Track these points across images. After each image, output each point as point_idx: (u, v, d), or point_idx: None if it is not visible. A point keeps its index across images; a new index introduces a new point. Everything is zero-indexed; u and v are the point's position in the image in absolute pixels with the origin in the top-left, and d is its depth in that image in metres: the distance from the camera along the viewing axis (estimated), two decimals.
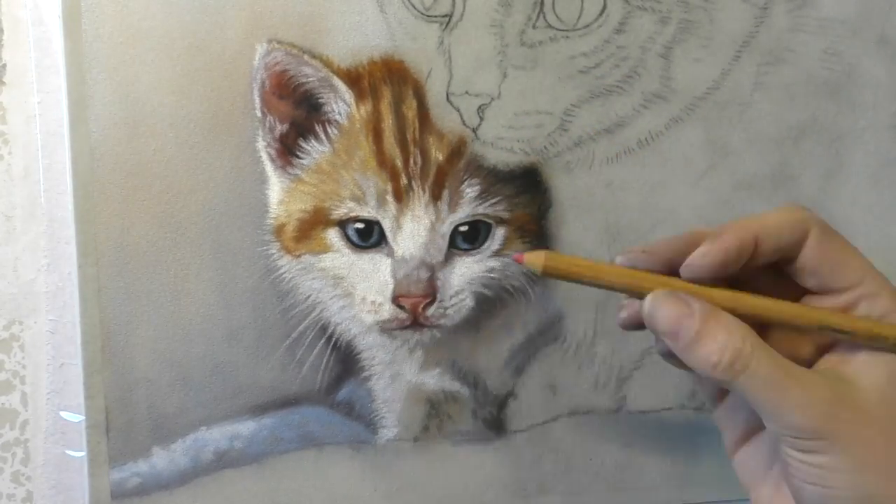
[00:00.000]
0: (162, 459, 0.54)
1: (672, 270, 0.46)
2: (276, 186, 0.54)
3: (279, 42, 0.53)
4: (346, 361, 0.56)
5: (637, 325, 0.47)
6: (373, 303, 0.55)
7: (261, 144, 0.54)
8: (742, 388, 0.45)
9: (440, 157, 0.54)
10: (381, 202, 0.54)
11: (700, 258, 0.45)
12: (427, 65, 0.54)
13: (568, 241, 0.56)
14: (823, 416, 0.45)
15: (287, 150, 0.54)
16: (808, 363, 0.47)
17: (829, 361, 0.47)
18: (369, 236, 0.54)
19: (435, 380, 0.56)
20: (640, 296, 0.45)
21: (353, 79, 0.54)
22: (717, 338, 0.45)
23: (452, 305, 0.55)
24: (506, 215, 0.55)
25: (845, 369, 0.46)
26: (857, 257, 0.46)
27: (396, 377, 0.56)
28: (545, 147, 0.55)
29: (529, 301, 0.56)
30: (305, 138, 0.54)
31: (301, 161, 0.54)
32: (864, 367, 0.46)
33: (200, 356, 0.54)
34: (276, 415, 0.55)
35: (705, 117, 0.56)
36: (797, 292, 0.47)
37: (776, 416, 0.45)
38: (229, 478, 0.55)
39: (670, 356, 0.46)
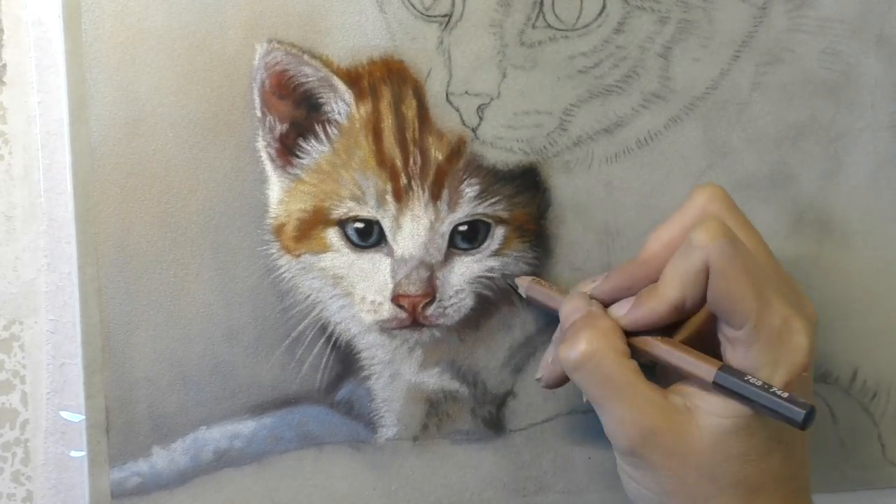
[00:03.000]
0: (162, 459, 0.54)
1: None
2: (275, 186, 0.54)
3: (279, 42, 0.53)
4: (345, 361, 0.56)
5: (557, 381, 0.52)
6: (372, 302, 0.55)
7: (261, 144, 0.54)
8: (580, 384, 0.49)
9: (440, 157, 0.55)
10: (380, 202, 0.54)
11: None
12: (427, 65, 0.54)
13: (567, 240, 0.56)
14: (641, 437, 0.48)
15: (287, 150, 0.54)
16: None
17: (689, 388, 0.48)
18: (369, 236, 0.54)
19: (434, 379, 0.56)
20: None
21: (352, 79, 0.54)
22: (578, 335, 0.49)
23: (452, 305, 0.55)
24: (505, 215, 0.55)
25: (697, 403, 0.48)
26: (747, 301, 0.46)
27: (396, 376, 0.56)
28: (544, 147, 0.55)
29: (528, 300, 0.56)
30: (305, 138, 0.54)
31: (301, 161, 0.54)
32: (713, 409, 0.47)
33: (200, 356, 0.54)
34: (275, 414, 0.55)
35: (704, 117, 0.56)
36: None
37: (604, 420, 0.49)
38: (229, 477, 0.55)
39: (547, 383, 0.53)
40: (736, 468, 0.47)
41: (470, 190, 0.55)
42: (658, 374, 0.52)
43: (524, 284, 0.55)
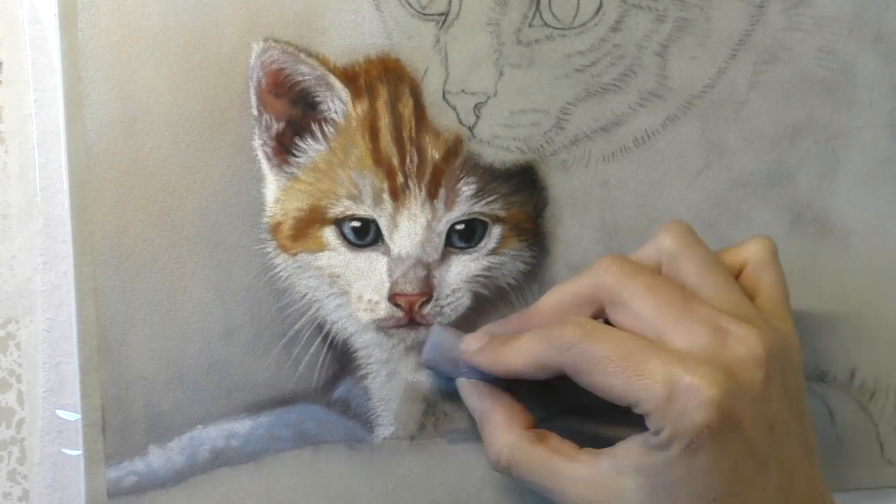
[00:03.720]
0: (158, 458, 0.54)
1: None
2: (272, 185, 0.54)
3: (275, 40, 0.53)
4: (342, 360, 0.56)
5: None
6: (369, 301, 0.55)
7: (257, 143, 0.54)
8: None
9: (436, 156, 0.55)
10: (377, 200, 0.54)
11: (466, 354, 0.53)
12: (423, 63, 0.54)
13: (564, 239, 0.56)
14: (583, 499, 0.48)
15: (283, 149, 0.54)
16: None
17: (620, 448, 0.48)
18: (365, 235, 0.54)
19: (431, 378, 0.56)
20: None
21: (349, 77, 0.54)
22: (488, 441, 0.52)
23: (449, 304, 0.55)
24: (502, 214, 0.55)
25: (625, 463, 0.47)
26: (615, 385, 0.46)
27: (393, 375, 0.56)
28: (541, 145, 0.55)
29: (526, 299, 0.56)
30: (302, 137, 0.54)
31: (297, 159, 0.54)
32: (635, 468, 0.47)
33: (197, 354, 0.54)
34: (272, 413, 0.55)
35: (701, 116, 0.56)
36: None
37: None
38: (225, 476, 0.55)
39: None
40: None
41: (467, 189, 0.55)
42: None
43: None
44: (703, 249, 0.50)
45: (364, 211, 0.54)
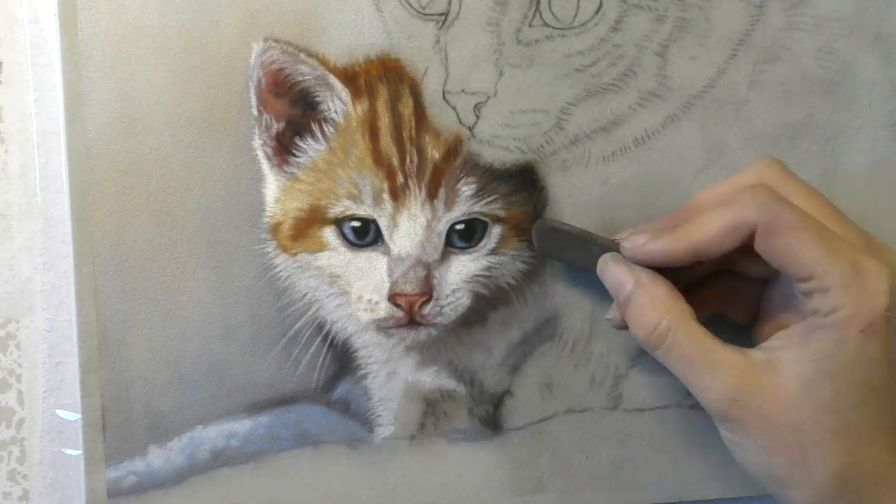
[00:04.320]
0: (158, 458, 0.54)
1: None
2: (272, 185, 0.54)
3: (275, 40, 0.53)
4: (342, 360, 0.56)
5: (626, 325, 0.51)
6: (369, 301, 0.55)
7: (257, 143, 0.54)
8: (661, 361, 0.49)
9: (436, 156, 0.55)
10: (377, 200, 0.54)
11: (634, 250, 0.51)
12: (423, 63, 0.54)
13: None
14: (728, 402, 0.48)
15: (283, 149, 0.54)
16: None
17: (773, 342, 0.48)
18: (365, 234, 0.54)
19: (431, 378, 0.56)
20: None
21: (349, 77, 0.54)
22: (643, 310, 0.49)
23: (449, 304, 0.55)
24: (502, 213, 0.55)
25: (780, 355, 0.48)
26: (807, 251, 0.46)
27: (393, 375, 0.56)
28: (541, 145, 0.55)
29: (526, 299, 0.56)
30: (302, 137, 0.54)
31: (297, 159, 0.54)
32: (795, 357, 0.47)
33: (197, 354, 0.54)
34: (272, 413, 0.55)
35: (701, 115, 0.56)
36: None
37: (692, 391, 0.49)
38: (225, 476, 0.55)
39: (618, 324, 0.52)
40: (828, 418, 0.46)
41: (467, 188, 0.55)
42: (753, 327, 0.53)
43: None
44: (801, 183, 0.50)
45: (364, 211, 0.54)
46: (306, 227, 0.54)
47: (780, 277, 0.51)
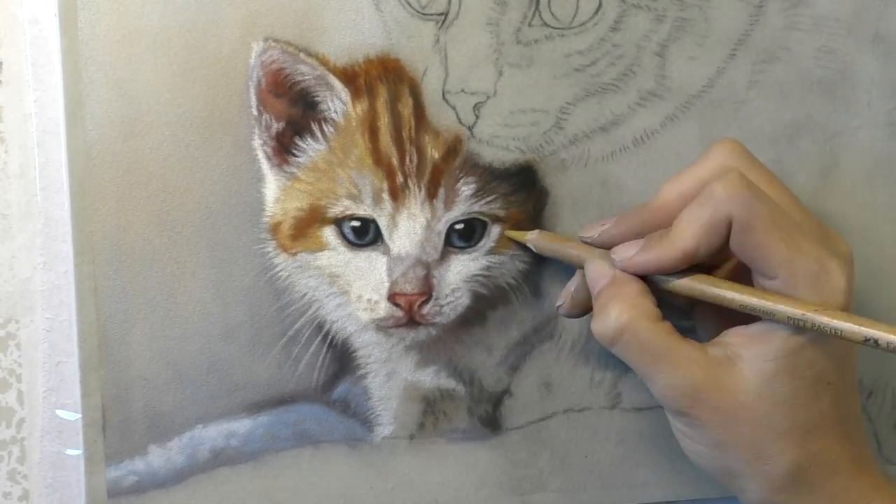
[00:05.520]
0: (158, 457, 0.54)
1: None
2: (272, 185, 0.54)
3: (275, 40, 0.53)
4: (341, 359, 0.56)
5: (576, 311, 0.53)
6: (369, 300, 0.55)
7: (257, 143, 0.54)
8: (621, 358, 0.50)
9: (436, 156, 0.55)
10: (376, 200, 0.54)
11: (624, 263, 0.51)
12: (423, 63, 0.54)
13: None
14: (686, 398, 0.48)
15: (283, 149, 0.54)
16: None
17: (731, 338, 0.49)
18: (365, 234, 0.54)
19: (431, 378, 0.56)
20: None
21: (349, 77, 0.54)
22: (606, 305, 0.49)
23: (448, 303, 0.55)
24: (501, 213, 0.55)
25: (740, 352, 0.48)
26: (776, 250, 0.47)
27: (392, 375, 0.56)
28: (541, 145, 0.55)
29: (525, 299, 0.56)
30: (301, 136, 0.54)
31: (297, 159, 0.54)
32: (755, 355, 0.48)
33: (196, 354, 0.54)
34: (272, 413, 0.55)
35: (700, 115, 0.56)
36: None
37: (650, 388, 0.50)
38: (225, 476, 0.55)
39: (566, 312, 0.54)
40: (786, 414, 0.47)
41: (466, 188, 0.55)
42: (699, 326, 0.53)
43: (532, 238, 0.55)
44: (763, 169, 0.50)
45: (364, 210, 0.54)
46: (306, 226, 0.54)
47: (740, 270, 0.51)
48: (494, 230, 0.55)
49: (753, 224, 0.47)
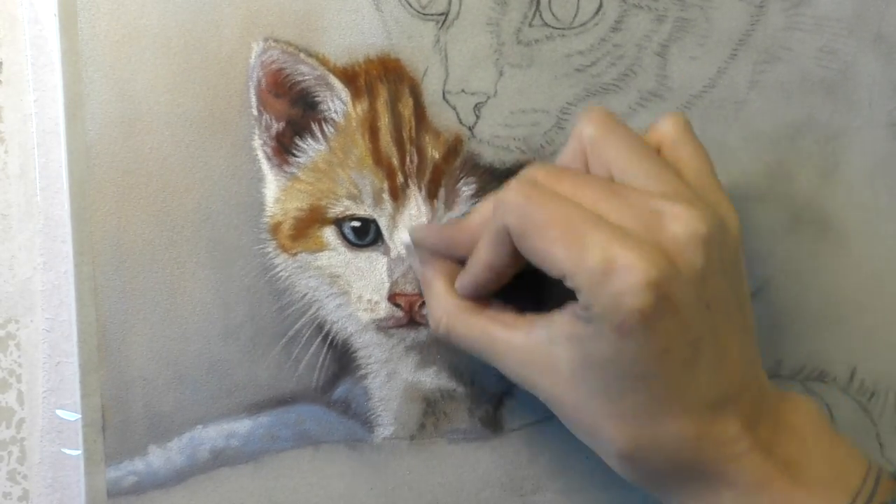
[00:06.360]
0: (158, 458, 0.54)
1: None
2: (272, 185, 0.54)
3: (275, 40, 0.53)
4: (342, 360, 0.56)
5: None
6: (369, 301, 0.55)
7: (257, 143, 0.54)
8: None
9: (436, 156, 0.55)
10: (377, 200, 0.54)
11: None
12: (423, 63, 0.54)
13: None
14: (519, 381, 0.49)
15: (283, 149, 0.54)
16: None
17: (556, 317, 0.47)
18: (365, 234, 0.54)
19: (431, 378, 0.56)
20: None
21: (349, 77, 0.54)
22: (430, 309, 0.51)
23: None
24: None
25: (557, 334, 0.46)
26: (555, 252, 0.44)
27: (393, 375, 0.56)
28: (541, 145, 0.55)
29: None
30: (301, 136, 0.54)
31: (297, 159, 0.54)
32: (566, 340, 0.46)
33: (197, 354, 0.54)
34: (272, 413, 0.55)
35: (701, 116, 0.56)
36: None
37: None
38: (226, 476, 0.55)
39: None
40: (602, 404, 0.46)
41: (467, 189, 0.55)
42: None
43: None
44: (625, 131, 0.48)
45: (364, 211, 0.54)
46: (306, 227, 0.54)
47: None
48: None
49: (526, 232, 0.45)
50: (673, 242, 0.44)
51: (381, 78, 0.54)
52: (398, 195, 0.54)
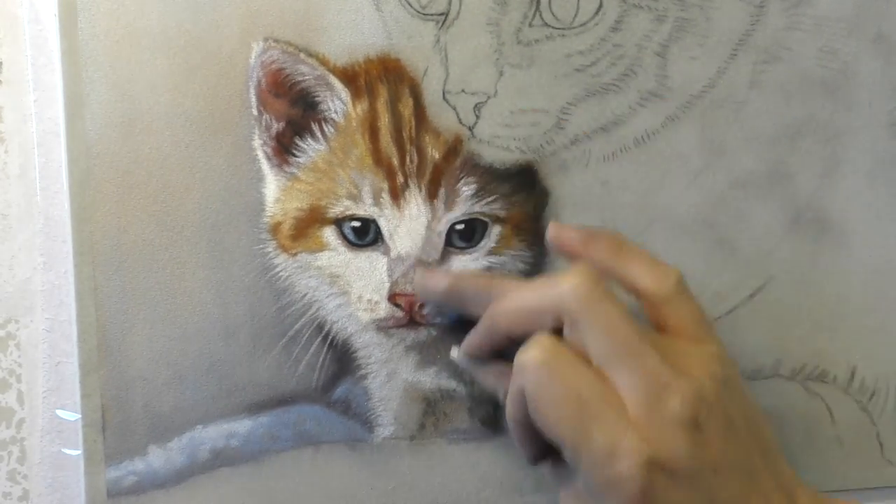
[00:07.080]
0: (158, 458, 0.54)
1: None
2: (272, 185, 0.54)
3: (275, 40, 0.53)
4: (342, 360, 0.56)
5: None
6: (369, 301, 0.55)
7: (257, 143, 0.54)
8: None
9: (436, 156, 0.55)
10: (377, 200, 0.54)
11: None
12: (423, 63, 0.54)
13: None
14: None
15: (283, 149, 0.54)
16: None
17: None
18: (365, 235, 0.54)
19: (431, 378, 0.56)
20: None
21: (349, 77, 0.54)
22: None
23: None
24: (502, 214, 0.55)
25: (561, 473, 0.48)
26: (562, 430, 0.45)
27: (393, 375, 0.56)
28: (541, 145, 0.55)
29: None
30: (302, 136, 0.54)
31: (297, 159, 0.54)
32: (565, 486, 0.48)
33: (196, 354, 0.54)
34: (272, 413, 0.55)
35: (701, 116, 0.56)
36: None
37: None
38: (226, 476, 0.55)
39: None
40: None
41: (467, 188, 0.55)
42: None
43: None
44: (610, 309, 0.46)
45: (364, 211, 0.54)
46: (306, 227, 0.54)
47: None
48: (495, 230, 0.55)
49: (539, 406, 0.46)
50: (672, 420, 0.45)
51: (381, 78, 0.54)
52: (398, 195, 0.54)
